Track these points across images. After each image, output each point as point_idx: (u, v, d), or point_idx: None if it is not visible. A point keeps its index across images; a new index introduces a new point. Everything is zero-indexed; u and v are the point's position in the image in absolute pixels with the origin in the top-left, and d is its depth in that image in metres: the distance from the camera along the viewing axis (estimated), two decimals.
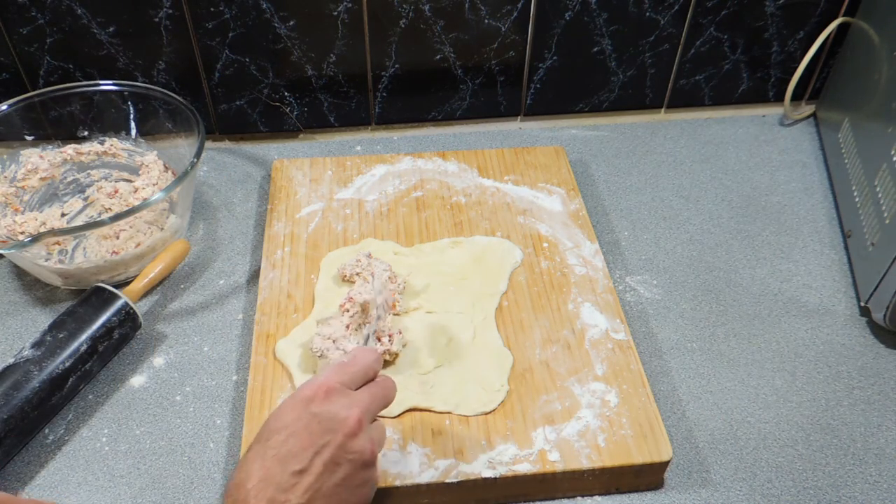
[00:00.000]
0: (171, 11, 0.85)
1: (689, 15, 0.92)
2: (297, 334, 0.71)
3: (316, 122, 0.98)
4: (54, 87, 0.85)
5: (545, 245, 0.80)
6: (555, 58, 0.95)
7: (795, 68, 0.97)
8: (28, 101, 0.84)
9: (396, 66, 0.93)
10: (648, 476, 0.64)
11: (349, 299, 0.68)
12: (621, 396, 0.66)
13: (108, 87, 0.86)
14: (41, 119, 0.86)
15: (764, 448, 0.67)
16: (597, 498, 0.64)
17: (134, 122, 0.88)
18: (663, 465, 0.63)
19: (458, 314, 0.72)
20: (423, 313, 0.73)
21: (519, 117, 1.01)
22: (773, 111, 1.04)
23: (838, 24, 0.93)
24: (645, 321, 0.77)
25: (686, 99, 1.01)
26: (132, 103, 0.87)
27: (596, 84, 0.98)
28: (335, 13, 0.88)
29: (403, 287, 0.73)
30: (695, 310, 0.78)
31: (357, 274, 0.73)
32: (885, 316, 0.73)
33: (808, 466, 0.66)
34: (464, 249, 0.79)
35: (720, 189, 0.92)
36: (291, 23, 0.88)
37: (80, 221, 0.83)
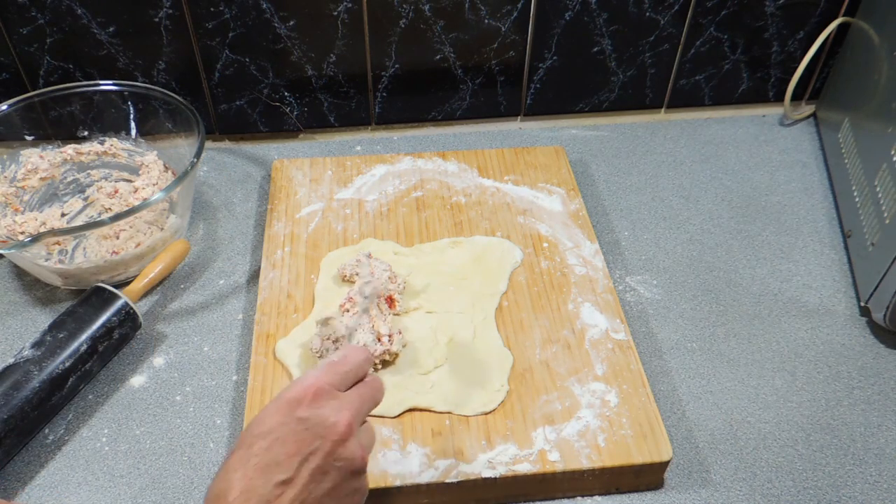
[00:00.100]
0: (171, 11, 0.85)
1: (689, 15, 0.92)
2: (297, 334, 0.71)
3: (316, 122, 0.98)
4: (54, 87, 0.85)
5: (545, 245, 0.80)
6: (555, 58, 0.95)
7: (795, 68, 0.97)
8: (28, 101, 0.84)
9: (396, 66, 0.93)
10: (648, 476, 0.64)
11: (349, 299, 0.69)
12: (621, 396, 0.66)
13: (108, 87, 0.86)
14: (41, 119, 0.86)
15: (764, 448, 0.67)
16: (597, 498, 0.64)
17: (134, 122, 0.88)
18: (663, 465, 0.63)
19: (458, 314, 0.72)
20: (423, 313, 0.73)
21: (519, 117, 1.01)
22: (773, 111, 1.04)
23: (838, 24, 0.93)
24: (645, 321, 0.77)
25: (686, 99, 1.01)
26: (132, 103, 0.87)
27: (596, 84, 0.98)
28: (335, 13, 0.88)
29: (403, 287, 0.73)
30: (695, 310, 0.78)
31: (357, 274, 0.73)
32: (885, 316, 0.73)
33: (808, 466, 0.66)
34: (464, 249, 0.79)
35: (720, 189, 0.92)
36: (291, 23, 0.88)
37: (80, 221, 0.83)
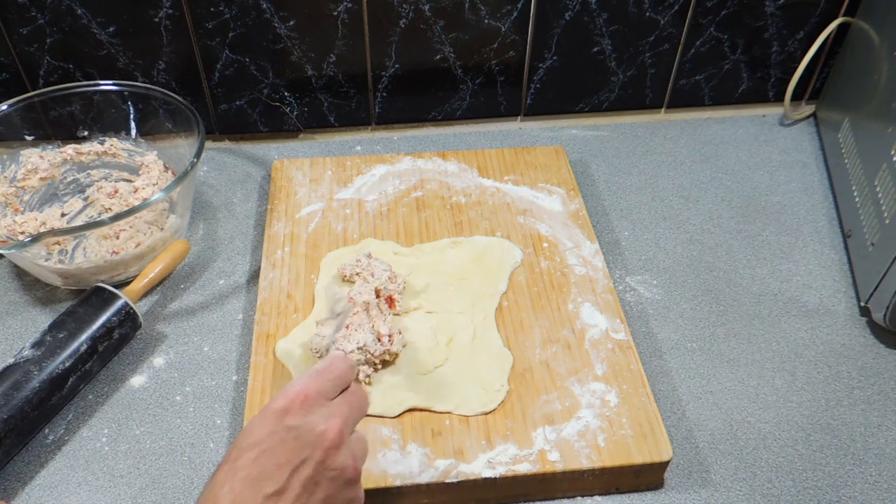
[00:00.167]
0: (171, 11, 0.85)
1: (689, 15, 0.92)
2: (297, 334, 0.71)
3: (316, 122, 0.98)
4: (54, 87, 0.85)
5: (545, 245, 0.80)
6: (555, 58, 0.95)
7: (795, 68, 0.97)
8: (28, 101, 0.84)
9: (396, 66, 0.93)
10: (648, 476, 0.64)
11: (349, 299, 0.69)
12: (621, 396, 0.66)
13: (108, 87, 0.86)
14: (41, 119, 0.86)
15: (764, 448, 0.67)
16: (597, 498, 0.64)
17: (134, 122, 0.88)
18: (663, 465, 0.63)
19: (458, 314, 0.72)
20: (423, 313, 0.73)
21: (519, 117, 1.01)
22: (773, 111, 1.04)
23: (838, 24, 0.93)
24: (645, 321, 0.77)
25: (686, 99, 1.01)
26: (132, 103, 0.87)
27: (596, 84, 0.98)
28: (335, 13, 0.88)
29: (403, 287, 0.73)
30: (695, 310, 0.78)
31: (357, 274, 0.73)
32: (885, 316, 0.73)
33: (808, 466, 0.66)
34: (464, 249, 0.79)
35: (720, 189, 0.92)
36: (291, 23, 0.88)
37: (80, 221, 0.83)
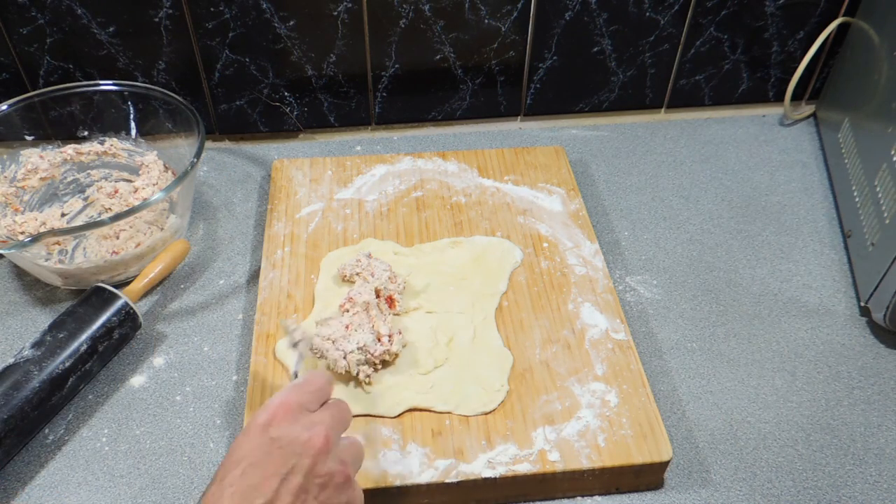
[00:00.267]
0: (171, 11, 0.85)
1: (689, 15, 0.92)
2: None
3: (316, 122, 0.98)
4: (54, 87, 0.85)
5: (545, 245, 0.80)
6: (555, 58, 0.95)
7: (795, 68, 0.97)
8: (28, 101, 0.84)
9: (396, 66, 0.93)
10: (648, 476, 0.64)
11: (349, 299, 0.69)
12: (621, 396, 0.66)
13: (108, 87, 0.86)
14: (41, 119, 0.86)
15: (764, 448, 0.67)
16: (597, 498, 0.64)
17: (134, 122, 0.88)
18: (663, 465, 0.63)
19: (458, 314, 0.72)
20: (423, 313, 0.73)
21: (519, 117, 1.01)
22: (773, 111, 1.04)
23: (838, 24, 0.93)
24: (645, 321, 0.77)
25: (686, 99, 1.01)
26: (132, 103, 0.87)
27: (596, 84, 0.98)
28: (335, 13, 0.88)
29: (403, 287, 0.73)
30: (695, 310, 0.78)
31: (357, 274, 0.73)
32: (885, 316, 0.73)
33: (808, 466, 0.66)
34: (464, 249, 0.79)
35: (720, 189, 0.92)
36: (291, 23, 0.88)
37: (80, 221, 0.83)
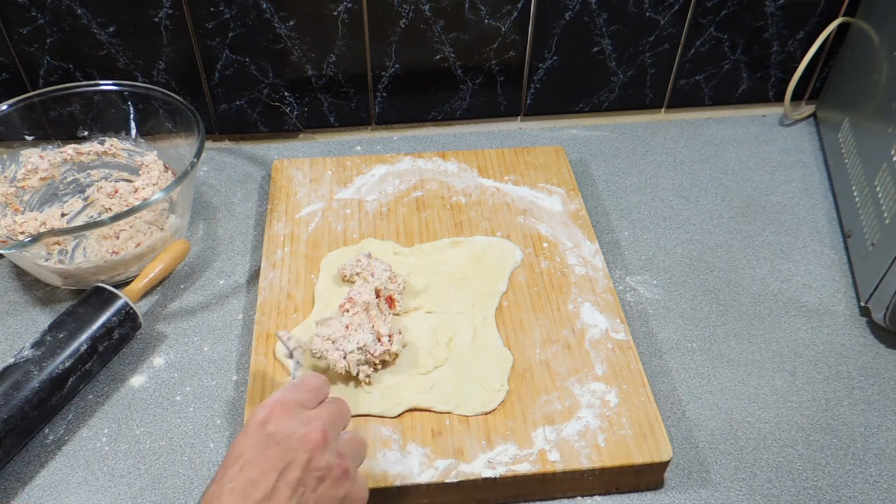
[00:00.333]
0: (171, 11, 0.85)
1: (689, 15, 0.92)
2: (297, 334, 0.71)
3: (316, 122, 0.98)
4: (54, 87, 0.85)
5: (545, 245, 0.80)
6: (555, 58, 0.95)
7: (795, 68, 0.97)
8: (28, 101, 0.84)
9: (396, 66, 0.93)
10: (648, 476, 0.64)
11: (349, 299, 0.69)
12: (621, 396, 0.66)
13: (108, 87, 0.86)
14: (41, 119, 0.86)
15: (764, 448, 0.67)
16: (597, 498, 0.64)
17: (134, 122, 0.88)
18: (663, 465, 0.63)
19: (458, 314, 0.72)
20: (423, 313, 0.73)
21: (519, 117, 1.01)
22: (773, 111, 1.04)
23: (838, 24, 0.93)
24: (645, 321, 0.77)
25: (686, 99, 1.01)
26: (132, 103, 0.87)
27: (596, 84, 0.98)
28: (335, 13, 0.88)
29: (403, 287, 0.73)
30: (695, 310, 0.78)
31: (357, 274, 0.73)
32: (885, 316, 0.73)
33: (808, 466, 0.66)
34: (464, 249, 0.79)
35: (720, 189, 0.92)
36: (291, 23, 0.88)
37: (80, 221, 0.83)
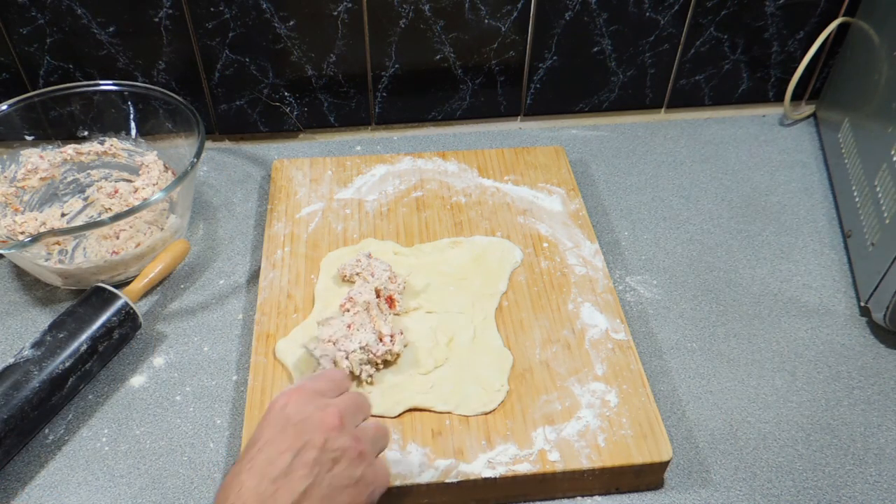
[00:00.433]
0: (171, 11, 0.85)
1: (689, 15, 0.92)
2: (297, 334, 0.71)
3: (316, 122, 0.98)
4: (54, 87, 0.85)
5: (545, 245, 0.80)
6: (555, 58, 0.95)
7: (795, 68, 0.97)
8: (28, 101, 0.84)
9: (396, 66, 0.93)
10: (648, 476, 0.64)
11: (349, 299, 0.69)
12: (621, 396, 0.66)
13: (108, 87, 0.86)
14: (41, 119, 0.86)
15: (764, 448, 0.67)
16: (597, 498, 0.64)
17: (134, 122, 0.88)
18: (663, 465, 0.63)
19: (458, 314, 0.72)
20: (423, 313, 0.73)
21: (519, 117, 1.01)
22: (773, 111, 1.04)
23: (838, 24, 0.93)
24: (645, 321, 0.77)
25: (686, 99, 1.01)
26: (132, 103, 0.87)
27: (596, 84, 0.98)
28: (335, 13, 0.88)
29: (403, 287, 0.73)
30: (695, 310, 0.78)
31: (357, 274, 0.73)
32: (885, 316, 0.73)
33: (808, 466, 0.66)
34: (464, 249, 0.79)
35: (720, 189, 0.92)
36: (291, 23, 0.88)
37: (80, 221, 0.83)
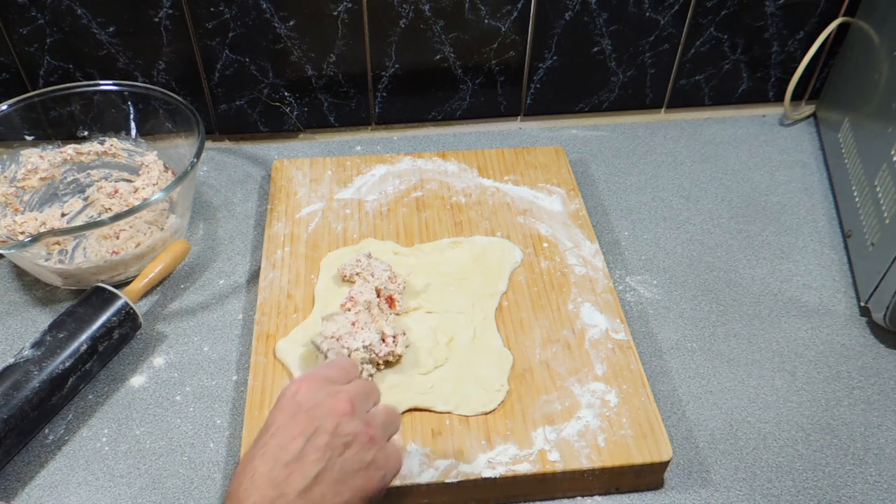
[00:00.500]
0: (171, 11, 0.85)
1: (689, 15, 0.92)
2: (297, 334, 0.71)
3: (316, 122, 0.98)
4: (54, 87, 0.85)
5: (545, 245, 0.80)
6: (555, 58, 0.95)
7: (795, 68, 0.97)
8: (28, 101, 0.83)
9: (396, 66, 0.93)
10: (648, 476, 0.64)
11: (350, 298, 0.69)
12: (621, 396, 0.66)
13: (108, 87, 0.86)
14: (41, 119, 0.86)
15: (764, 448, 0.67)
16: (597, 498, 0.64)
17: (134, 122, 0.88)
18: (663, 465, 0.63)
19: (458, 314, 0.72)
20: (423, 313, 0.73)
21: (519, 117, 1.01)
22: (773, 111, 1.04)
23: (838, 24, 0.93)
24: (645, 321, 0.77)
25: (686, 99, 1.01)
26: (132, 103, 0.87)
27: (596, 84, 0.98)
28: (335, 13, 0.88)
29: (403, 287, 0.73)
30: (695, 310, 0.78)
31: (357, 274, 0.73)
32: (885, 316, 0.73)
33: (808, 466, 0.66)
34: (464, 249, 0.79)
35: (720, 189, 0.92)
36: (291, 23, 0.88)
37: (80, 221, 0.83)
